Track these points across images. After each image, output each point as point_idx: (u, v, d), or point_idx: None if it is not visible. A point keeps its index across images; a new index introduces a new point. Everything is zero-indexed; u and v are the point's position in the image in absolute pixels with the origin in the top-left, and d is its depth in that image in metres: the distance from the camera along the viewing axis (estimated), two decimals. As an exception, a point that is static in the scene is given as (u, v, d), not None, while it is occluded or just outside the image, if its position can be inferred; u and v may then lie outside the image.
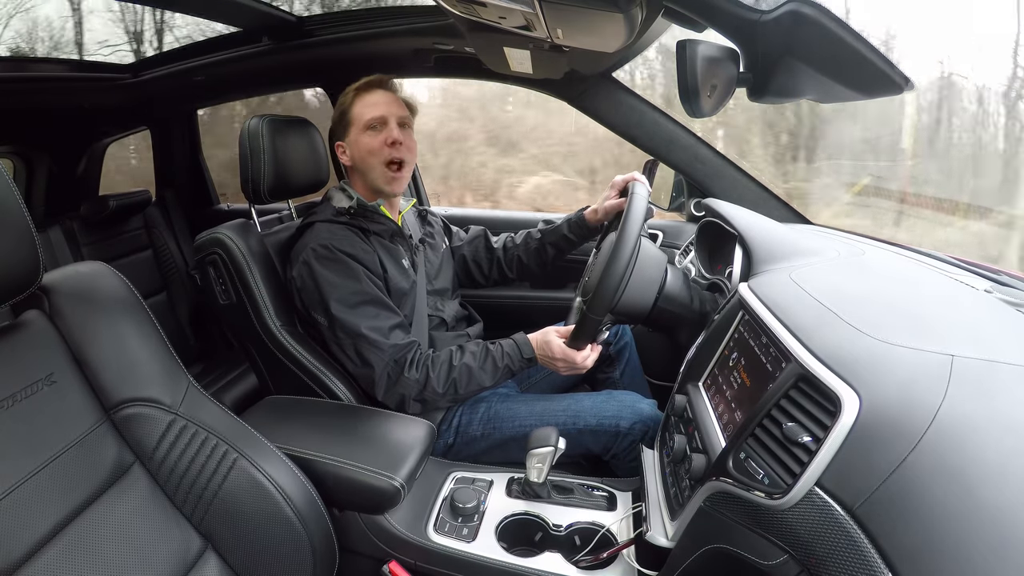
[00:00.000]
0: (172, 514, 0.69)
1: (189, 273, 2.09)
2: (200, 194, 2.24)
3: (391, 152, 1.07)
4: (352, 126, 1.09)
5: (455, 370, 1.00)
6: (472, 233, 1.36)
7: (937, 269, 0.85)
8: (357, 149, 1.09)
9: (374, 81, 1.11)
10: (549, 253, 1.28)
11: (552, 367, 1.03)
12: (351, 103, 1.09)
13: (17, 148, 1.90)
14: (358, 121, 1.08)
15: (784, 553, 0.51)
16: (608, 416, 1.02)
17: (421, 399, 1.01)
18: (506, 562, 0.79)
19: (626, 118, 1.43)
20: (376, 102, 1.08)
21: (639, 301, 0.97)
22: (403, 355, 0.99)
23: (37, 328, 0.66)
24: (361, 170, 1.10)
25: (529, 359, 1.03)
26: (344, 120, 1.10)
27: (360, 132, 1.08)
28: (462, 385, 1.00)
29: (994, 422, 0.44)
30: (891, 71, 0.57)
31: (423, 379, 0.99)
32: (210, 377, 1.77)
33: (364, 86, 1.10)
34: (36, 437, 0.60)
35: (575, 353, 0.99)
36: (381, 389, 1.00)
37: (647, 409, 1.03)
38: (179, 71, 1.67)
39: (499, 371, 1.02)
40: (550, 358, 1.01)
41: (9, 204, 0.57)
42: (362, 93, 1.10)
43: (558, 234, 1.26)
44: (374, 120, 1.07)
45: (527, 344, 1.04)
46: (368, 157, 1.08)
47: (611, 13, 0.74)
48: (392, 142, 1.06)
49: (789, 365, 0.58)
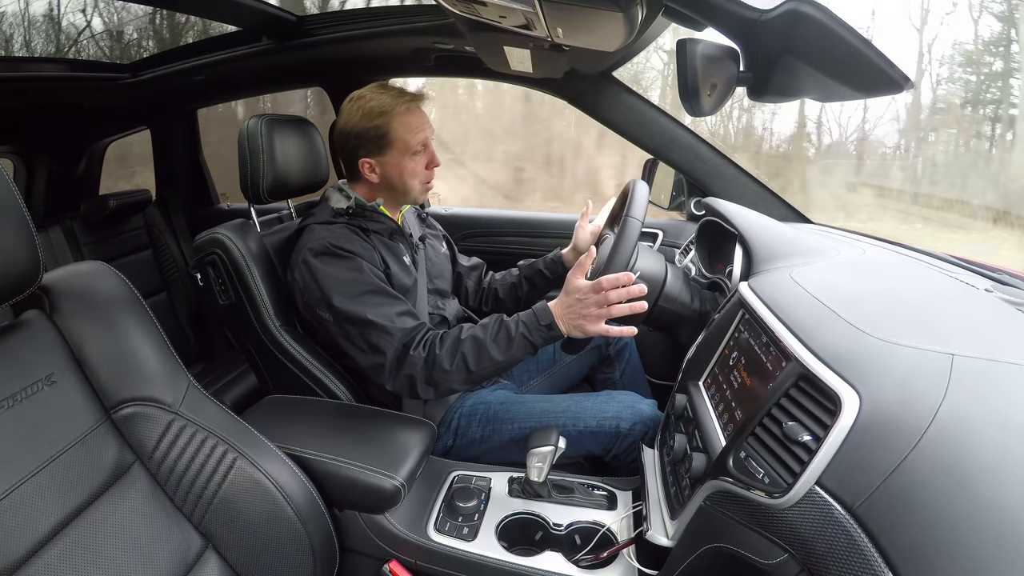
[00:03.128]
0: (172, 514, 0.69)
1: (189, 273, 2.09)
2: (200, 194, 2.24)
3: (430, 175, 1.10)
4: (393, 149, 1.05)
5: (463, 343, 0.93)
6: (473, 263, 1.39)
7: (937, 268, 0.85)
8: (397, 171, 1.06)
9: (416, 100, 1.06)
10: (524, 289, 1.30)
11: (583, 321, 0.89)
12: (392, 124, 1.03)
13: (17, 148, 1.90)
14: (402, 145, 1.04)
15: (784, 552, 0.51)
16: (608, 417, 1.01)
17: (431, 381, 0.94)
18: (506, 561, 0.79)
19: (626, 117, 1.43)
20: (420, 126, 1.05)
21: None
22: (411, 337, 0.96)
23: (37, 328, 0.66)
24: (397, 188, 1.08)
25: (548, 325, 0.92)
26: (383, 141, 1.04)
27: (404, 156, 1.05)
28: (472, 360, 0.92)
29: (994, 421, 0.44)
30: (891, 70, 0.57)
31: (430, 356, 0.93)
32: (210, 377, 1.76)
33: (407, 107, 1.04)
34: (36, 437, 0.60)
35: (602, 280, 0.87)
36: (392, 375, 0.95)
37: (647, 409, 1.03)
38: (179, 71, 1.67)
39: (514, 342, 0.92)
40: (579, 302, 0.89)
41: (9, 204, 0.57)
42: (403, 115, 1.04)
43: (533, 269, 1.29)
44: (420, 145, 1.06)
45: (545, 310, 0.93)
46: (409, 179, 1.07)
47: (611, 12, 0.74)
48: (435, 166, 1.09)
49: (789, 364, 0.58)
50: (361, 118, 1.04)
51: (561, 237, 1.69)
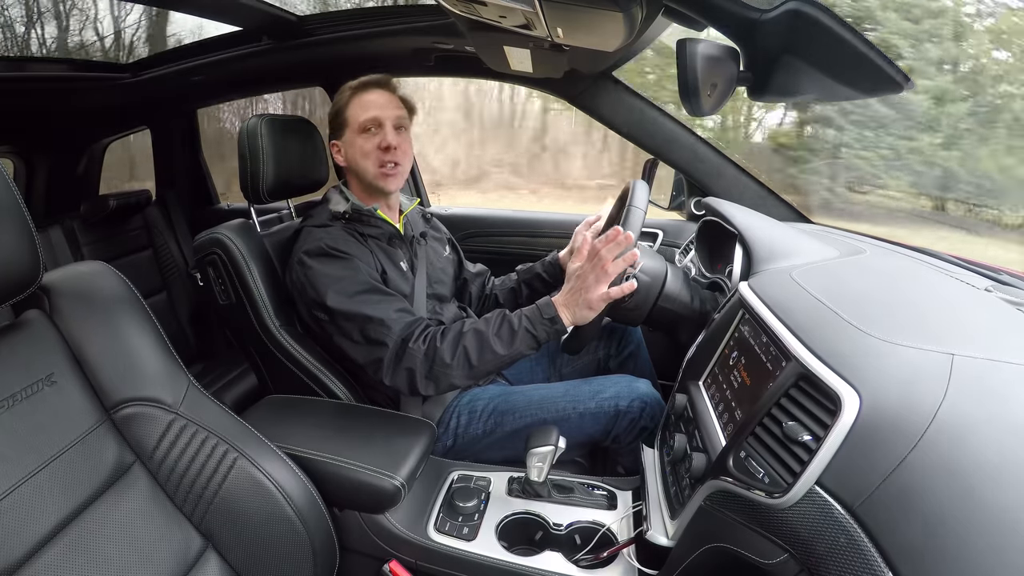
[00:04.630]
0: (172, 514, 0.69)
1: (189, 273, 2.10)
2: (200, 194, 2.24)
3: (384, 156, 1.05)
4: (347, 127, 1.07)
5: (464, 336, 0.92)
6: (479, 269, 1.38)
7: (937, 268, 0.85)
8: (351, 151, 1.07)
9: (371, 80, 1.08)
10: (523, 293, 1.30)
11: (587, 293, 0.91)
12: (347, 102, 1.07)
13: (17, 148, 1.90)
14: (353, 122, 1.06)
15: (784, 552, 0.51)
16: (607, 397, 1.01)
17: (432, 375, 0.92)
18: (506, 561, 0.79)
19: (626, 117, 1.43)
20: (372, 103, 1.05)
21: (639, 301, 0.97)
22: (411, 331, 0.95)
23: (37, 328, 0.66)
24: (356, 171, 1.09)
25: (551, 318, 0.92)
26: (339, 119, 1.08)
27: (355, 134, 1.06)
28: (474, 353, 0.91)
29: (994, 421, 0.44)
30: (891, 69, 0.57)
31: (431, 350, 0.92)
32: (210, 377, 1.76)
33: (361, 85, 1.07)
34: (36, 437, 0.60)
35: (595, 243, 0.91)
36: (390, 369, 0.93)
37: (643, 387, 1.03)
38: (179, 71, 1.67)
39: (517, 335, 0.92)
40: (579, 279, 0.91)
41: (9, 204, 0.57)
42: (359, 93, 1.06)
43: (532, 273, 1.29)
44: (368, 122, 1.04)
45: (548, 304, 0.94)
46: (361, 160, 1.06)
47: (611, 12, 0.74)
48: (386, 147, 1.04)
49: (789, 364, 0.58)
50: (332, 105, 1.10)
51: (560, 237, 1.69)
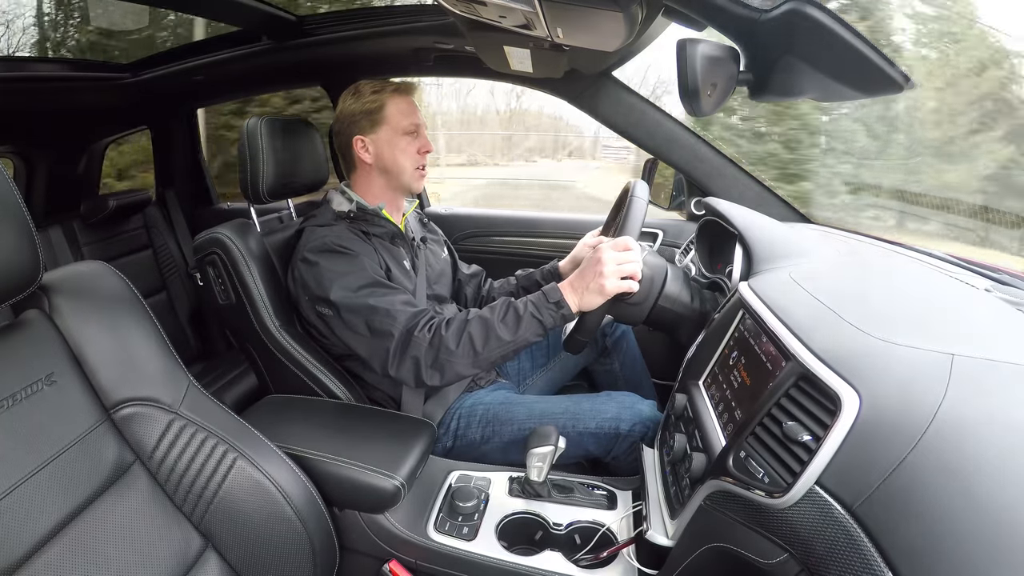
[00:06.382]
0: (172, 513, 0.69)
1: (189, 273, 2.10)
2: (200, 194, 2.24)
3: (422, 160, 1.12)
4: (385, 125, 1.09)
5: (469, 324, 0.92)
6: (473, 270, 1.40)
7: (937, 268, 0.85)
8: (390, 150, 1.09)
9: (410, 87, 1.12)
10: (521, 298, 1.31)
11: (602, 279, 0.90)
12: (385, 103, 1.08)
13: (17, 148, 1.89)
14: (394, 124, 1.09)
15: (784, 552, 0.51)
16: (608, 418, 1.01)
17: (437, 364, 0.91)
18: (506, 561, 0.79)
19: (626, 117, 1.43)
20: (412, 110, 1.11)
21: (639, 299, 0.97)
22: (416, 320, 0.95)
23: (37, 327, 0.66)
24: (390, 170, 1.11)
25: (557, 303, 0.91)
26: (374, 117, 1.09)
27: (396, 135, 1.09)
28: (479, 341, 0.90)
29: (994, 421, 0.44)
30: (891, 69, 0.57)
31: (436, 338, 0.91)
32: (210, 377, 1.76)
33: (400, 89, 1.11)
34: (36, 437, 0.60)
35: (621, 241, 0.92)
36: (396, 359, 0.93)
37: (647, 410, 1.03)
38: (178, 71, 1.67)
39: (522, 321, 0.91)
40: (599, 262, 0.91)
41: (9, 204, 0.57)
42: (401, 94, 1.10)
43: (531, 280, 1.31)
44: (412, 127, 1.09)
45: (554, 289, 0.93)
46: (402, 160, 1.10)
47: (611, 12, 0.74)
48: (426, 151, 1.12)
49: (789, 364, 0.58)
50: (356, 101, 1.10)
51: (559, 237, 1.69)
